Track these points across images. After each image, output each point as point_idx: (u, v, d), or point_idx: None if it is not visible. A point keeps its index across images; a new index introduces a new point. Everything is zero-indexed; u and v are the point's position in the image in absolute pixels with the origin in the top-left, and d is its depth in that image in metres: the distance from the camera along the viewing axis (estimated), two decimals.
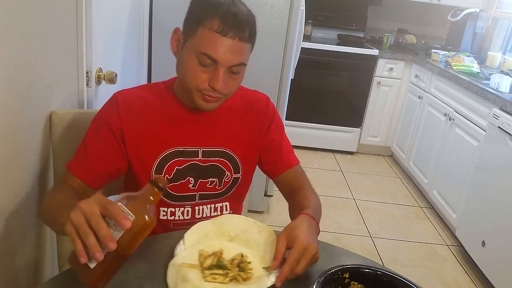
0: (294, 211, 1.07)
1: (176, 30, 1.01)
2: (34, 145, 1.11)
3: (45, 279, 1.25)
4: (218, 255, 0.88)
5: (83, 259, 0.66)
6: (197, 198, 1.11)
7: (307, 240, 0.87)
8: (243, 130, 1.13)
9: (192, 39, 0.94)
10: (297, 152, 1.24)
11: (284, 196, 1.21)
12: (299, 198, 1.12)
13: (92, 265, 0.67)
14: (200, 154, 1.08)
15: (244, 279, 0.85)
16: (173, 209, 1.10)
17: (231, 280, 0.83)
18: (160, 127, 1.05)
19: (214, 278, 0.82)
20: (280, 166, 1.18)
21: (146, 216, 0.71)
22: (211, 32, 0.91)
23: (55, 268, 1.29)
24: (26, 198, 1.08)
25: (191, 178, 1.09)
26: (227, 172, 1.12)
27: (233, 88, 1.00)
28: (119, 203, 0.70)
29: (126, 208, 0.70)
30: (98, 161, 1.01)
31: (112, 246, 0.66)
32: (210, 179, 1.11)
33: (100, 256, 0.66)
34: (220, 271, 0.83)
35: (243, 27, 0.93)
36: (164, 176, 1.06)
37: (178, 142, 1.06)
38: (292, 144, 1.24)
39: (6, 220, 1.00)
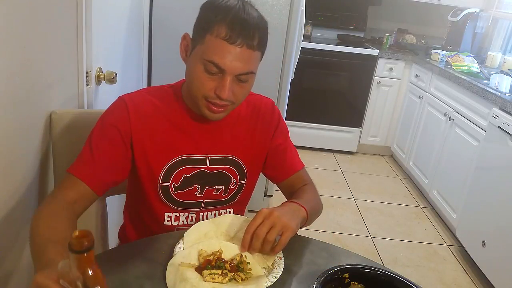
0: None
1: (185, 36, 0.98)
2: (34, 145, 1.11)
3: None
4: (217, 255, 0.88)
5: None
6: (202, 205, 1.11)
7: (273, 209, 0.91)
8: (250, 136, 1.11)
9: (199, 46, 0.92)
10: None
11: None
12: (297, 194, 1.12)
13: None
14: (208, 162, 1.07)
15: (243, 279, 0.85)
16: (177, 214, 1.10)
17: (229, 280, 0.83)
18: (168, 133, 1.03)
19: (213, 278, 0.82)
20: (284, 171, 1.17)
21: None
22: (218, 39, 0.88)
23: None
24: (25, 197, 1.08)
25: (198, 186, 1.07)
26: (233, 179, 1.11)
27: (241, 96, 0.98)
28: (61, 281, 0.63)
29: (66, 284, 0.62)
30: (105, 165, 0.97)
31: None
32: (217, 187, 1.10)
33: None
34: (219, 271, 0.84)
35: (252, 35, 0.90)
36: (171, 183, 1.04)
37: (187, 149, 1.04)
38: None
39: (6, 220, 1.00)
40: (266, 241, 0.88)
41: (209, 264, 0.86)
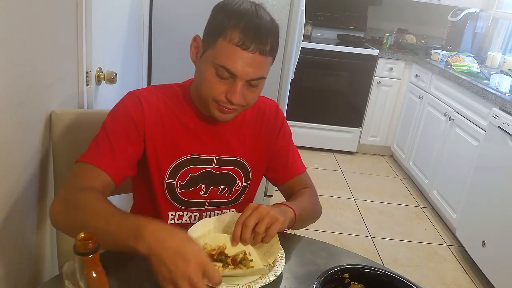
0: None
1: (196, 38, 0.98)
2: (34, 145, 1.11)
3: (45, 279, 1.25)
4: (220, 249, 0.89)
5: None
6: (206, 205, 1.12)
7: (260, 204, 0.91)
8: (255, 138, 1.12)
9: (211, 50, 0.92)
10: None
11: None
12: (293, 197, 1.13)
13: None
14: (214, 162, 1.08)
15: None
16: (181, 213, 1.10)
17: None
18: (177, 132, 1.04)
19: None
20: (285, 174, 1.18)
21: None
22: (231, 45, 0.88)
23: (55, 267, 1.29)
24: (26, 197, 1.08)
25: (203, 185, 1.08)
26: (238, 181, 1.11)
27: (251, 100, 0.98)
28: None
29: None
30: (123, 155, 0.96)
31: None
32: (221, 187, 1.11)
33: None
34: (220, 264, 0.84)
35: (265, 41, 0.90)
36: (177, 181, 1.05)
37: (194, 149, 1.05)
38: None
39: (6, 220, 1.00)
40: (255, 232, 0.89)
41: (211, 258, 0.86)
